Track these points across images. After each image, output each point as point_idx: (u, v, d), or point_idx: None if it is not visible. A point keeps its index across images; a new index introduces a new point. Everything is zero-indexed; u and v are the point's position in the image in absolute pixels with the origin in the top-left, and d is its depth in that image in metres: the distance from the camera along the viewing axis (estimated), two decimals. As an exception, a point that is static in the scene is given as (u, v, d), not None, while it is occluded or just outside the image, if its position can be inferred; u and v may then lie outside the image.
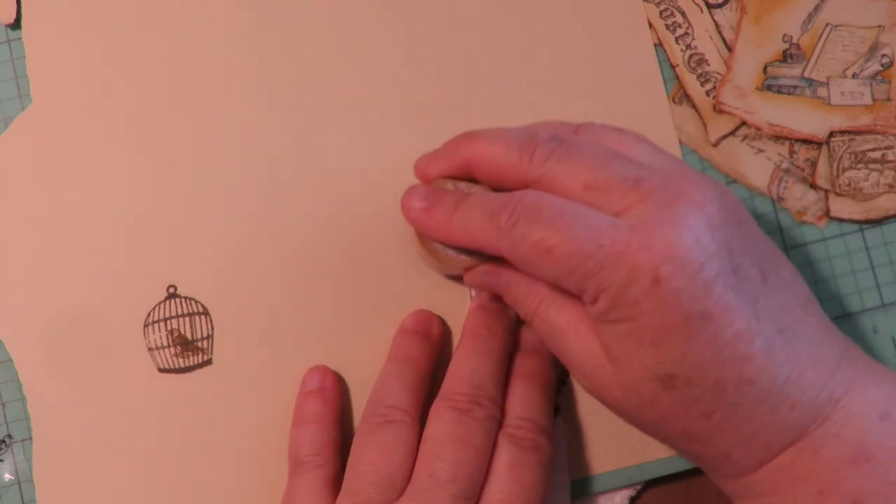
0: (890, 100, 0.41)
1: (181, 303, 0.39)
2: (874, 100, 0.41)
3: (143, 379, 0.38)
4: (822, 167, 0.40)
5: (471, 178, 0.35)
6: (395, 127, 0.40)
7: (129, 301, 0.39)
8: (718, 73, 0.41)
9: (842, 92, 0.41)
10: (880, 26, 0.41)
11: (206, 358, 0.39)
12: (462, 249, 0.35)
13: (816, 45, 0.41)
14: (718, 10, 0.41)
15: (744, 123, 0.41)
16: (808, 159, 0.40)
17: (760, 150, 0.40)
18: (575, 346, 0.33)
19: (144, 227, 0.39)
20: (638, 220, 0.30)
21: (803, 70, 0.41)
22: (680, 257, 0.30)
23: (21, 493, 0.38)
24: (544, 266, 0.31)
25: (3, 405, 0.39)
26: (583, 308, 0.32)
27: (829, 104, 0.41)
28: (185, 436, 0.38)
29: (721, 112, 0.41)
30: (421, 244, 0.36)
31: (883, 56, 0.41)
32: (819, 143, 0.41)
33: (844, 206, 0.40)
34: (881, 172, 0.40)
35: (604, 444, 0.39)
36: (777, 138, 0.41)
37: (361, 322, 0.39)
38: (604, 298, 0.31)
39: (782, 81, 0.41)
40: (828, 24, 0.41)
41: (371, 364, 0.38)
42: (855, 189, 0.40)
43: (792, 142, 0.41)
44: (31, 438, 0.38)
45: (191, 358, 0.39)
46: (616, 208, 0.31)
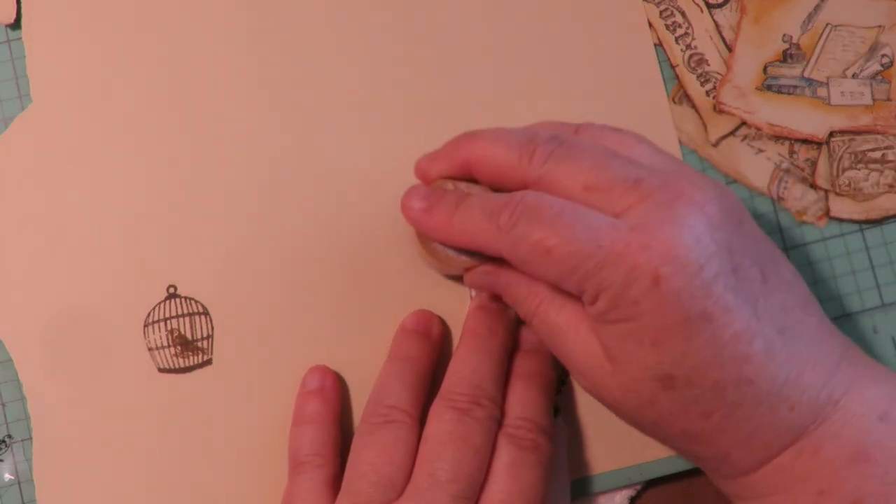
0: (890, 100, 0.41)
1: (181, 303, 0.39)
2: (874, 100, 0.41)
3: (143, 379, 0.38)
4: (822, 167, 0.40)
5: (471, 179, 0.35)
6: (395, 127, 0.40)
7: (129, 301, 0.39)
8: (718, 73, 0.41)
9: (842, 92, 0.41)
10: (880, 26, 0.41)
11: (206, 358, 0.39)
12: (462, 250, 0.35)
13: (816, 45, 0.41)
14: (718, 10, 0.41)
15: (744, 123, 0.41)
16: (808, 159, 0.40)
17: (760, 150, 0.40)
18: (575, 346, 0.33)
19: (144, 227, 0.39)
20: (638, 220, 0.30)
21: (803, 70, 0.41)
22: (680, 257, 0.30)
23: (21, 493, 0.38)
24: (544, 266, 0.31)
25: (3, 405, 0.39)
26: (583, 308, 0.32)
27: (829, 104, 0.41)
28: (185, 436, 0.38)
29: (721, 112, 0.41)
30: (421, 244, 0.36)
31: (883, 56, 0.41)
32: (819, 143, 0.40)
33: (844, 206, 0.40)
34: (881, 172, 0.40)
35: (604, 444, 0.39)
36: (777, 138, 0.41)
37: (361, 322, 0.39)
38: (603, 299, 0.31)
39: (782, 81, 0.41)
40: (828, 24, 0.41)
41: (371, 364, 0.38)
42: (855, 189, 0.40)
43: (792, 142, 0.41)
44: (31, 438, 0.38)
45: (191, 358, 0.39)
46: (616, 209, 0.31)
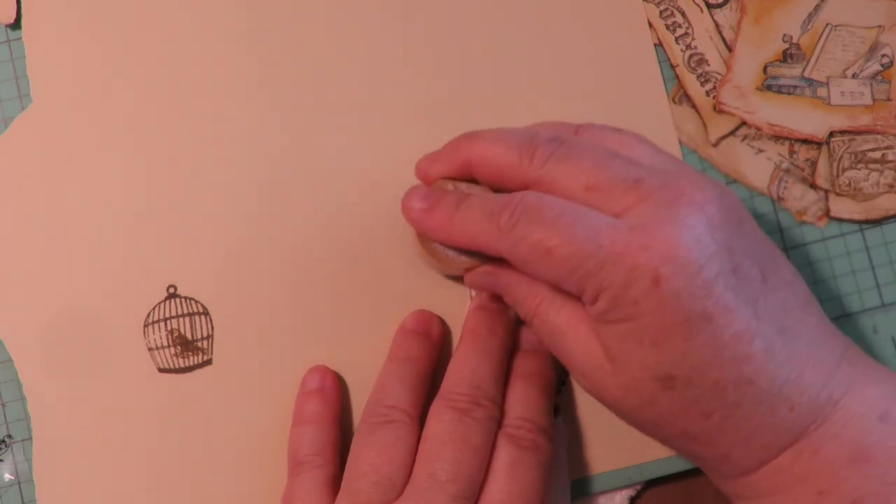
0: (890, 100, 0.41)
1: (181, 303, 0.39)
2: (874, 100, 0.41)
3: (143, 379, 0.38)
4: (822, 167, 0.40)
5: (471, 179, 0.35)
6: (395, 127, 0.40)
7: (129, 301, 0.39)
8: (718, 73, 0.41)
9: (842, 92, 0.41)
10: (880, 26, 0.41)
11: (206, 358, 0.39)
12: (462, 250, 0.35)
13: (816, 45, 0.41)
14: (718, 10, 0.41)
15: (744, 123, 0.41)
16: (808, 159, 0.40)
17: (760, 150, 0.40)
18: (575, 346, 0.33)
19: (144, 227, 0.39)
20: (638, 220, 0.30)
21: (803, 70, 0.41)
22: (680, 257, 0.30)
23: (21, 493, 0.38)
24: (544, 266, 0.31)
25: (3, 405, 0.39)
26: (583, 308, 0.32)
27: (829, 104, 0.41)
28: (185, 436, 0.38)
29: (721, 112, 0.41)
30: (421, 245, 0.36)
31: (883, 56, 0.41)
32: (819, 143, 0.40)
33: (844, 206, 0.40)
34: (881, 172, 0.40)
35: (604, 444, 0.39)
36: (777, 138, 0.41)
37: (361, 322, 0.39)
38: (604, 299, 0.31)
39: (782, 81, 0.41)
40: (828, 24, 0.41)
41: (371, 364, 0.38)
42: (855, 189, 0.40)
43: (792, 142, 0.41)
44: (31, 438, 0.38)
45: (191, 358, 0.39)
46: (616, 209, 0.31)
